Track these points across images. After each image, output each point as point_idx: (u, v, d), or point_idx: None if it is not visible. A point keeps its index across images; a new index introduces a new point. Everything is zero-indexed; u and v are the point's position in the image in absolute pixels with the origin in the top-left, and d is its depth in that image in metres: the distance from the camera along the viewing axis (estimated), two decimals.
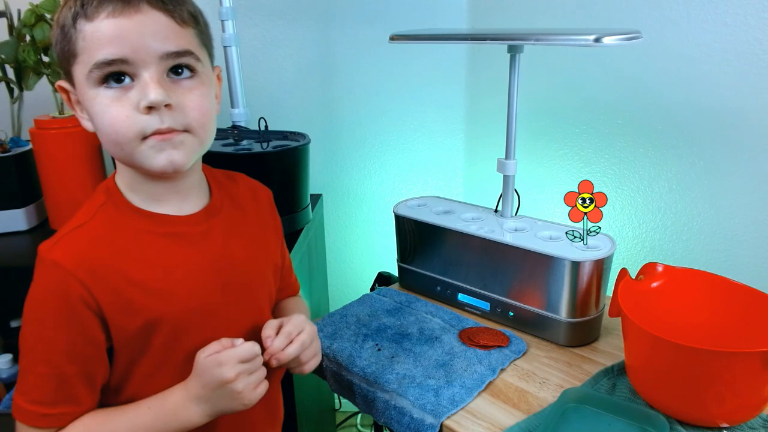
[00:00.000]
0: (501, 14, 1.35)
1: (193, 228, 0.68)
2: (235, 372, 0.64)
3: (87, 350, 0.62)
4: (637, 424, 0.75)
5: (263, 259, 0.77)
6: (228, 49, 1.22)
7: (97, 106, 0.60)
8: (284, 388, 1.13)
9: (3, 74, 1.19)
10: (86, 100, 0.61)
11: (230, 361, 0.65)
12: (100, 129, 0.61)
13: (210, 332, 0.67)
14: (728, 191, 1.09)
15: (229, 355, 0.65)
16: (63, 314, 0.60)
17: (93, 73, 0.59)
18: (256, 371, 0.67)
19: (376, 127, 1.52)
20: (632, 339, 0.79)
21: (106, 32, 0.58)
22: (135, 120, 0.59)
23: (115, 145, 0.61)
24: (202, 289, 0.67)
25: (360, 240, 1.62)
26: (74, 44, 0.59)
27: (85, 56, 0.58)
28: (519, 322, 1.00)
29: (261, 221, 0.78)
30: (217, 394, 0.65)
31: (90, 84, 0.59)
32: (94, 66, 0.58)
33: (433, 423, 0.78)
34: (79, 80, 0.60)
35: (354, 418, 1.73)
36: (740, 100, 1.04)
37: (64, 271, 0.60)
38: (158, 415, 0.65)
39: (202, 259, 0.67)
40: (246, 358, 0.66)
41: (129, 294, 0.62)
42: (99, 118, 0.60)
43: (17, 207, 1.19)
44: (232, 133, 1.24)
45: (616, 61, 1.18)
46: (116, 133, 0.60)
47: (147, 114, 0.59)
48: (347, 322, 1.04)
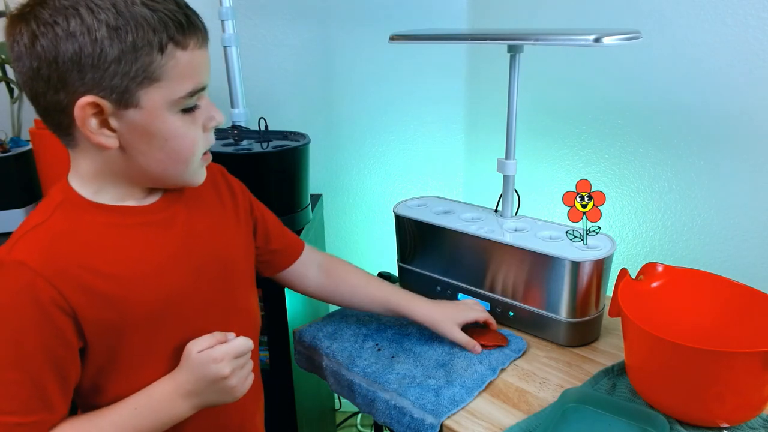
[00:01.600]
0: (501, 14, 1.35)
1: (157, 216, 0.67)
2: (230, 368, 0.65)
3: (61, 352, 0.59)
4: (637, 424, 0.75)
5: (231, 236, 0.76)
6: (228, 49, 1.22)
7: (177, 131, 0.61)
8: (284, 388, 1.13)
9: (3, 74, 1.19)
10: (158, 122, 0.60)
11: (226, 357, 0.65)
12: (172, 149, 0.62)
13: (188, 317, 0.67)
14: (728, 191, 1.09)
15: (224, 351, 0.65)
16: (35, 316, 0.57)
17: (183, 100, 0.60)
18: (246, 364, 0.68)
19: (376, 127, 1.52)
20: (632, 339, 0.79)
21: (198, 63, 0.61)
22: (204, 139, 0.65)
23: (182, 163, 0.64)
24: (176, 274, 0.67)
25: (360, 240, 1.62)
26: (159, 68, 0.57)
27: (175, 82, 0.59)
28: (519, 322, 1.00)
29: (220, 198, 0.77)
30: (210, 389, 0.65)
31: (172, 109, 0.60)
32: (188, 94, 0.60)
33: (434, 423, 0.78)
34: (151, 103, 0.58)
35: (354, 418, 1.73)
36: (740, 100, 1.04)
37: (31, 271, 0.57)
38: (144, 413, 0.64)
39: (171, 244, 0.67)
40: (240, 354, 0.66)
41: (101, 287, 0.60)
42: (177, 140, 0.62)
43: (17, 207, 1.19)
44: (232, 133, 1.24)
45: (616, 61, 1.18)
46: (193, 153, 0.64)
47: (207, 133, 0.65)
48: (347, 322, 1.04)
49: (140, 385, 0.65)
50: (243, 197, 0.81)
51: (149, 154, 0.61)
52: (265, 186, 1.12)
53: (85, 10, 0.54)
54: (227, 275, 0.74)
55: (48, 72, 0.55)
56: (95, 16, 0.54)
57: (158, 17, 0.56)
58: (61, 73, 0.55)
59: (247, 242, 0.80)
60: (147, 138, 0.60)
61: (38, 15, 0.55)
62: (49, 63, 0.55)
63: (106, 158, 0.61)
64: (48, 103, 0.58)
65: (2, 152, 1.18)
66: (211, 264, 0.71)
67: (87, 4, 0.55)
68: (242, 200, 0.81)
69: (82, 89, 0.56)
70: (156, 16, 0.56)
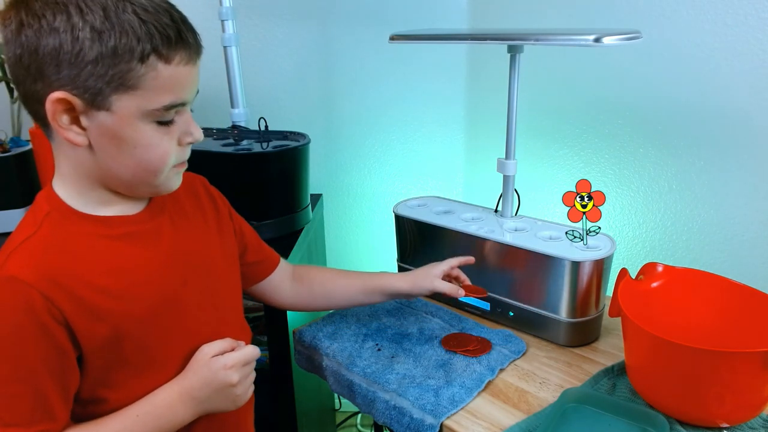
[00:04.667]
0: (501, 14, 1.35)
1: (144, 226, 0.67)
2: (239, 376, 0.65)
3: (60, 362, 0.60)
4: (637, 424, 0.75)
5: (215, 247, 0.77)
6: (228, 49, 1.22)
7: (147, 140, 0.61)
8: (284, 388, 1.13)
9: (3, 74, 1.19)
10: (128, 128, 0.60)
11: (237, 365, 0.66)
12: (142, 157, 0.61)
13: (179, 327, 0.68)
14: (728, 191, 1.09)
15: (236, 359, 0.66)
16: (32, 329, 0.58)
17: (158, 113, 0.60)
18: (251, 374, 0.69)
19: (376, 127, 1.52)
20: (632, 339, 0.79)
21: (181, 79, 0.60)
22: (176, 152, 0.64)
23: (151, 173, 0.63)
24: (165, 285, 0.67)
25: (360, 240, 1.62)
26: (138, 77, 0.58)
27: (153, 94, 0.59)
28: (519, 322, 1.00)
29: (201, 211, 0.78)
30: (216, 395, 0.65)
31: (144, 119, 0.60)
32: (164, 108, 0.60)
33: (433, 423, 0.78)
34: (124, 109, 0.59)
35: (354, 418, 1.73)
36: (740, 100, 1.04)
37: (25, 286, 0.57)
38: (146, 420, 0.64)
39: (159, 255, 0.67)
40: (249, 362, 0.67)
41: (92, 300, 0.61)
42: (147, 149, 0.61)
43: (17, 207, 1.19)
44: (232, 133, 1.24)
45: (616, 61, 1.18)
46: (164, 163, 0.63)
47: (182, 147, 0.65)
48: (347, 322, 1.04)
49: (138, 395, 0.65)
50: (224, 209, 0.82)
51: (119, 159, 0.61)
52: (265, 186, 1.12)
53: (74, 9, 0.55)
54: (214, 284, 0.74)
55: (28, 61, 0.57)
56: (82, 16, 0.55)
57: (146, 28, 0.57)
58: (39, 65, 0.56)
59: (231, 252, 0.81)
60: (116, 142, 0.60)
61: (30, 5, 0.56)
62: (30, 53, 0.56)
63: (79, 157, 0.62)
64: (27, 91, 0.59)
65: (2, 152, 1.18)
66: (198, 274, 0.71)
67: (78, 3, 0.55)
68: (224, 211, 0.81)
69: (57, 84, 0.57)
70: (144, 27, 0.57)
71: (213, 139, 1.22)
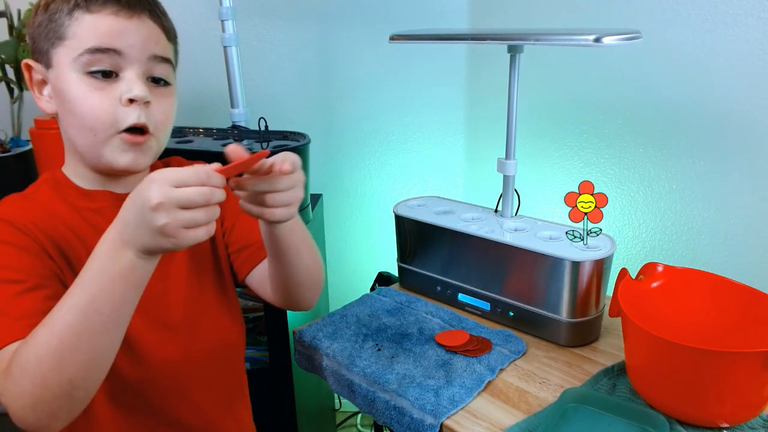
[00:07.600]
0: (501, 14, 1.35)
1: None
2: (162, 195, 0.49)
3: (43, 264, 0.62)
4: (637, 424, 0.75)
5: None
6: (228, 49, 1.22)
7: (78, 91, 0.62)
8: (284, 388, 1.13)
9: (3, 74, 1.19)
10: (63, 82, 0.63)
11: (163, 182, 0.50)
12: (76, 113, 0.63)
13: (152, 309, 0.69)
14: (728, 191, 1.09)
15: (165, 175, 0.50)
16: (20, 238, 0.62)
17: (83, 57, 0.62)
18: (196, 208, 0.51)
19: (376, 127, 1.52)
20: (632, 339, 0.79)
21: (106, 25, 0.62)
22: (116, 110, 0.63)
23: (89, 131, 0.63)
24: None
25: (360, 240, 1.62)
26: (65, 28, 0.62)
27: (76, 41, 0.62)
28: (519, 322, 1.00)
29: None
30: (138, 220, 0.51)
31: (74, 68, 0.62)
32: (87, 51, 0.61)
33: (433, 423, 0.78)
34: (59, 62, 0.63)
35: (354, 418, 1.73)
36: (740, 100, 1.04)
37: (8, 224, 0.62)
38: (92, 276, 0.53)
39: None
40: (185, 183, 0.50)
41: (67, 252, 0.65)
42: (77, 102, 0.63)
43: None
44: (232, 133, 1.24)
45: (616, 61, 1.18)
46: (96, 119, 0.63)
47: (127, 107, 0.63)
48: (347, 322, 1.04)
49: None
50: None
51: (66, 119, 0.65)
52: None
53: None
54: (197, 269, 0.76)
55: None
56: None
57: None
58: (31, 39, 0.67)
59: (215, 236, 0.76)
60: (60, 100, 0.64)
61: None
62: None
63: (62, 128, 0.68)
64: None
65: (2, 152, 1.18)
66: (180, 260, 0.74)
67: None
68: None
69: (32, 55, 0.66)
70: None
71: (213, 139, 1.22)
